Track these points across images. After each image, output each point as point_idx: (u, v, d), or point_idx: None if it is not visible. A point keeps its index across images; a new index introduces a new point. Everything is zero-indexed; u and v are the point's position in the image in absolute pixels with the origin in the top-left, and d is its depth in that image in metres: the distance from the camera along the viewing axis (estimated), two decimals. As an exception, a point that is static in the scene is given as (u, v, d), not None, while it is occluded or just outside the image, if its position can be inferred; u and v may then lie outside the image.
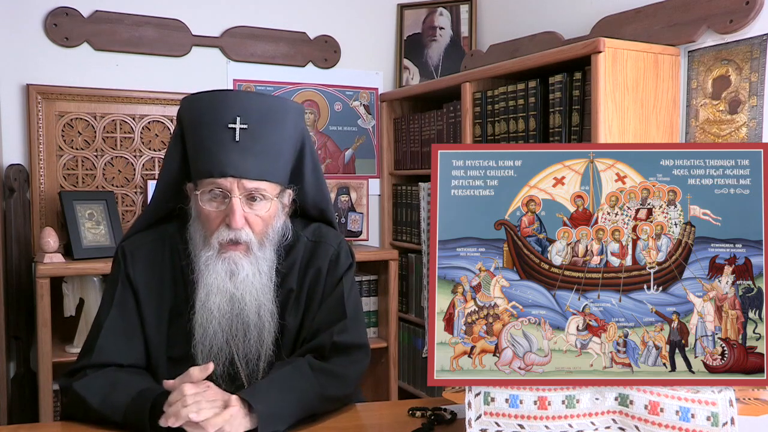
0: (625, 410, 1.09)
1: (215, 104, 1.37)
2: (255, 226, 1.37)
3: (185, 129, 1.42)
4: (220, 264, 1.36)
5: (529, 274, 1.10)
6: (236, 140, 1.34)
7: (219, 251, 1.36)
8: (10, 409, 2.58)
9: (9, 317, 2.56)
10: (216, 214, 1.36)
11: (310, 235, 1.51)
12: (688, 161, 1.10)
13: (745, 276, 1.08)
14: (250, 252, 1.37)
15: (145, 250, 1.45)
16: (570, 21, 2.63)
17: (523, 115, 2.37)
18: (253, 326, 1.38)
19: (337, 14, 3.23)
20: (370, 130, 3.33)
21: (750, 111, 1.99)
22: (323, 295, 1.47)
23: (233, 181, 1.34)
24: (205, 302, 1.36)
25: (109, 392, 1.28)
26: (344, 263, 1.50)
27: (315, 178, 1.52)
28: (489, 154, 1.12)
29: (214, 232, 1.36)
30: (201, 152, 1.37)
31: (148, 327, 1.41)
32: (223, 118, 1.35)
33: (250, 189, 1.35)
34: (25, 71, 2.68)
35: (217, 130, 1.35)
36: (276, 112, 1.39)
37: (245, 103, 1.37)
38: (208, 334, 1.37)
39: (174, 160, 1.46)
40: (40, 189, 2.67)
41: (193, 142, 1.40)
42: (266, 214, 1.39)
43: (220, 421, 1.15)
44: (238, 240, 1.35)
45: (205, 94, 1.41)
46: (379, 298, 3.05)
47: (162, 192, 1.49)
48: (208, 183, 1.36)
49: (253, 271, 1.37)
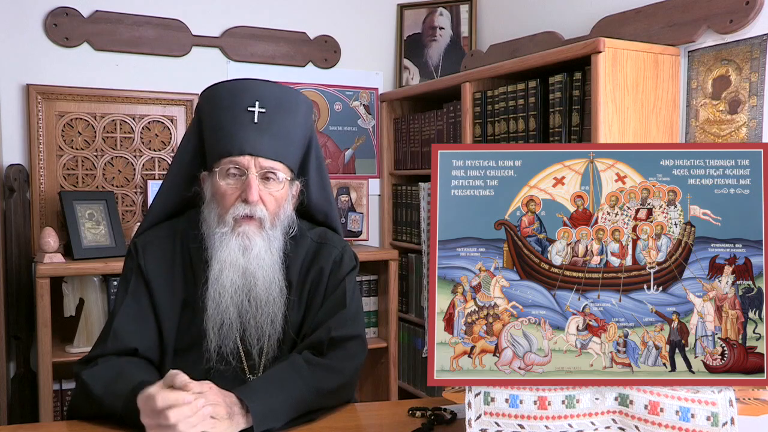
0: (625, 410, 1.09)
1: (235, 91, 1.45)
2: (269, 204, 1.43)
3: (204, 117, 1.49)
4: (234, 240, 1.41)
5: (529, 274, 1.10)
6: (255, 122, 1.42)
7: (233, 227, 1.41)
8: (10, 409, 2.58)
9: (9, 317, 2.56)
10: (232, 190, 1.41)
11: (316, 237, 1.56)
12: (688, 161, 1.10)
13: (745, 276, 1.08)
14: (262, 228, 1.42)
15: (156, 244, 1.49)
16: (570, 21, 2.63)
17: (523, 115, 2.37)
18: (263, 302, 1.42)
19: (337, 14, 3.23)
20: (370, 130, 3.33)
21: (750, 111, 1.99)
22: (325, 294, 1.50)
23: (250, 159, 1.40)
24: (218, 277, 1.40)
25: (112, 381, 1.30)
26: (347, 265, 1.54)
27: (319, 177, 1.57)
28: (489, 154, 1.12)
29: (229, 208, 1.41)
30: (220, 133, 1.44)
31: (161, 316, 1.44)
32: (243, 102, 1.43)
33: (266, 168, 1.42)
34: (25, 71, 2.68)
35: (237, 113, 1.42)
36: (290, 101, 1.48)
37: (264, 89, 1.45)
38: (221, 309, 1.40)
39: (187, 152, 1.52)
40: (40, 189, 2.67)
41: (211, 126, 1.46)
42: (279, 195, 1.45)
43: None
44: (252, 215, 1.41)
45: (226, 83, 1.49)
46: (379, 298, 3.05)
47: (173, 180, 1.54)
48: (227, 161, 1.41)
49: (265, 248, 1.42)
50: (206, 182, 1.48)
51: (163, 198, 1.55)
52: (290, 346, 1.46)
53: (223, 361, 1.41)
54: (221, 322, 1.40)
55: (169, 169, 1.57)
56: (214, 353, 1.41)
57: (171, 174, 1.55)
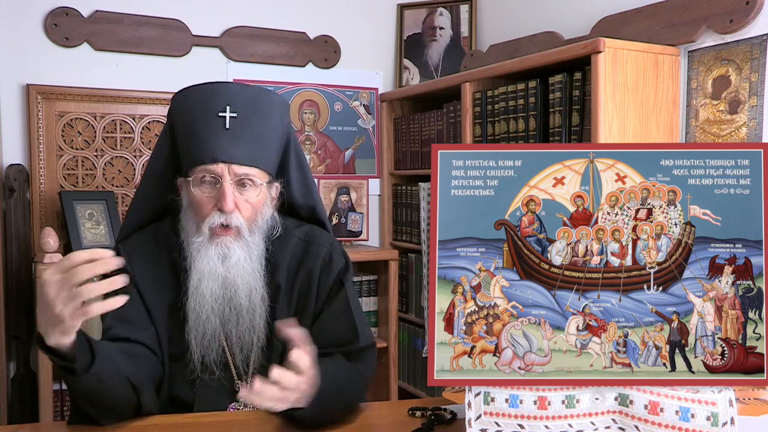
0: (625, 410, 1.09)
1: (205, 95, 1.41)
2: (245, 211, 1.40)
3: (175, 123, 1.45)
4: (213, 249, 1.38)
5: (529, 274, 1.10)
6: (226, 128, 1.38)
7: (210, 237, 1.38)
8: (10, 409, 2.57)
9: (9, 317, 2.56)
10: (207, 199, 1.39)
11: (302, 235, 1.52)
12: (688, 161, 1.10)
13: (745, 276, 1.08)
14: (240, 237, 1.40)
15: (142, 250, 1.46)
16: (570, 21, 2.63)
17: (523, 115, 2.37)
18: (245, 311, 1.40)
19: (337, 14, 3.23)
20: (370, 130, 3.33)
21: (750, 111, 1.99)
22: (317, 296, 1.47)
23: (224, 167, 1.37)
24: (197, 287, 1.38)
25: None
26: (337, 264, 1.50)
27: (300, 174, 1.54)
28: (489, 154, 1.11)
29: (205, 217, 1.38)
30: (192, 141, 1.40)
31: (155, 323, 1.42)
32: (213, 107, 1.39)
33: (241, 174, 1.39)
34: (25, 71, 2.68)
35: (208, 118, 1.39)
36: (263, 102, 1.44)
37: (234, 93, 1.41)
38: (201, 320, 1.38)
39: (162, 156, 1.49)
40: (40, 189, 2.67)
41: (183, 132, 1.43)
42: (256, 201, 1.42)
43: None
44: (228, 224, 1.38)
45: (195, 87, 1.45)
46: (379, 298, 3.05)
47: (147, 188, 1.51)
48: (200, 170, 1.38)
49: (244, 256, 1.40)
50: (182, 189, 1.45)
51: (139, 204, 1.52)
52: (278, 354, 1.41)
53: (207, 371, 1.39)
54: (203, 333, 1.38)
55: (144, 176, 1.53)
56: (199, 363, 1.39)
57: (146, 181, 1.51)
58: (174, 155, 1.47)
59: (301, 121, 3.18)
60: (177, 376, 1.41)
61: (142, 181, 1.53)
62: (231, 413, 1.39)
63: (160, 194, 1.49)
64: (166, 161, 1.48)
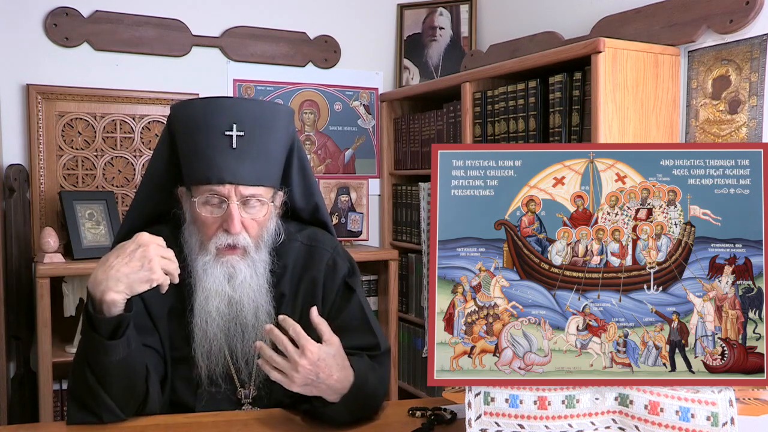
0: (625, 410, 1.09)
1: (210, 110, 1.37)
2: (251, 230, 1.39)
3: (177, 134, 1.43)
4: (219, 268, 1.37)
5: (529, 274, 1.10)
6: (233, 147, 1.35)
7: (216, 256, 1.37)
8: (10, 409, 2.57)
9: (9, 317, 2.56)
10: (213, 219, 1.37)
11: (305, 239, 1.51)
12: (688, 161, 1.10)
13: (745, 276, 1.08)
14: (246, 255, 1.39)
15: None
16: (570, 21, 2.63)
17: (523, 115, 2.37)
18: (251, 327, 1.40)
19: (337, 14, 3.23)
20: (370, 130, 3.33)
21: (750, 111, 1.99)
22: (324, 302, 1.46)
23: (231, 188, 1.35)
24: (204, 306, 1.38)
25: None
26: (342, 268, 1.49)
27: (302, 178, 1.52)
28: (489, 154, 1.12)
29: (211, 237, 1.37)
30: (197, 158, 1.38)
31: (157, 325, 1.42)
32: (219, 124, 1.36)
33: (247, 195, 1.37)
34: (25, 71, 2.68)
35: (214, 136, 1.36)
36: (269, 117, 1.41)
37: (240, 109, 1.38)
38: (208, 337, 1.38)
39: (161, 163, 1.47)
40: (40, 189, 2.67)
41: (187, 147, 1.40)
42: (262, 218, 1.40)
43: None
44: (235, 245, 1.37)
45: (199, 100, 1.42)
46: (379, 298, 3.05)
47: (147, 194, 1.50)
48: (205, 189, 1.36)
49: (250, 274, 1.39)
50: (184, 200, 1.43)
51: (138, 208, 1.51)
52: None
53: (213, 384, 1.40)
54: (209, 349, 1.38)
55: (143, 179, 1.51)
56: (205, 378, 1.39)
57: (145, 185, 1.50)
58: (174, 160, 1.45)
59: (301, 121, 3.18)
60: (179, 383, 1.41)
61: (141, 185, 1.52)
62: (231, 413, 1.39)
63: (159, 200, 1.47)
64: (165, 167, 1.46)
